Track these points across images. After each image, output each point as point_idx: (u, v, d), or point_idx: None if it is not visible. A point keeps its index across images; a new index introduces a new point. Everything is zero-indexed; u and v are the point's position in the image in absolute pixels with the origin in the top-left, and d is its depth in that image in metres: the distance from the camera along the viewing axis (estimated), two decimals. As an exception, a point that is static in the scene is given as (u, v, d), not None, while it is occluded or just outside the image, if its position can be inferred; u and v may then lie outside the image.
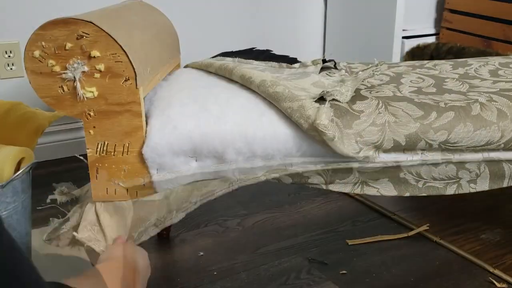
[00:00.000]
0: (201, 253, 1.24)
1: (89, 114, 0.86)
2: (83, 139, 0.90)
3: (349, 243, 1.28)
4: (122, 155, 0.89)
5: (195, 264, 1.20)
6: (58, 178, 1.04)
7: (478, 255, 1.22)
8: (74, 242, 0.93)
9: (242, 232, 1.34)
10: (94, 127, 0.87)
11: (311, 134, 0.89)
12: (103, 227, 0.90)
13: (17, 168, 0.97)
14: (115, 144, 0.88)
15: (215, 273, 1.17)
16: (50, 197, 0.98)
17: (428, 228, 1.33)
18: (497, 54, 1.63)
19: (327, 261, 1.21)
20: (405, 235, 1.31)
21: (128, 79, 0.85)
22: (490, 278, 1.14)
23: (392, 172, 0.95)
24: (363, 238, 1.30)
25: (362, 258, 1.22)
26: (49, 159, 1.75)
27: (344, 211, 1.45)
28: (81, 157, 1.00)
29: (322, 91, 0.92)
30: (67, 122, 1.79)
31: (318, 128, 0.86)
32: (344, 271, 1.17)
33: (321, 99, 0.93)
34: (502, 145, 0.95)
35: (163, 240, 1.29)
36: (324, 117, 0.87)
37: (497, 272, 1.16)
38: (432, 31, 2.14)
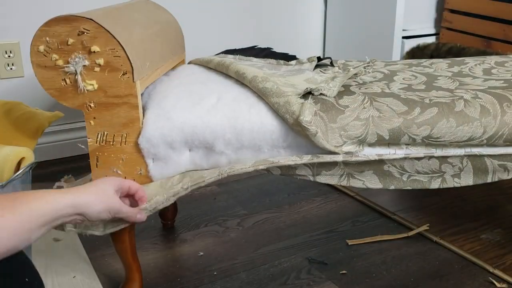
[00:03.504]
0: (201, 253, 1.24)
1: (90, 106, 0.92)
2: (83, 139, 0.92)
3: (349, 243, 1.28)
4: (120, 145, 0.94)
5: (195, 264, 1.20)
6: (58, 178, 1.04)
7: (478, 255, 1.22)
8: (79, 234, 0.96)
9: (242, 232, 1.34)
10: (94, 118, 0.92)
11: (296, 129, 0.93)
12: None
13: (17, 168, 0.97)
14: (114, 134, 0.94)
15: (215, 273, 1.17)
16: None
17: (428, 228, 1.33)
18: (497, 54, 1.63)
19: (327, 261, 1.21)
20: (405, 235, 1.31)
21: (126, 73, 0.90)
22: (490, 278, 1.14)
23: (376, 164, 0.97)
24: (363, 238, 1.30)
25: (362, 258, 1.22)
26: (49, 159, 1.75)
27: (344, 211, 1.45)
28: (83, 146, 1.03)
29: (306, 88, 0.96)
30: (67, 122, 1.79)
31: (301, 124, 0.90)
32: (344, 271, 1.17)
33: (308, 94, 0.96)
34: (485, 141, 0.97)
35: (163, 240, 1.30)
36: (307, 113, 0.90)
37: (497, 272, 1.16)
38: (432, 31, 2.13)
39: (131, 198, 0.93)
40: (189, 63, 1.26)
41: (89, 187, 0.82)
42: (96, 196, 0.81)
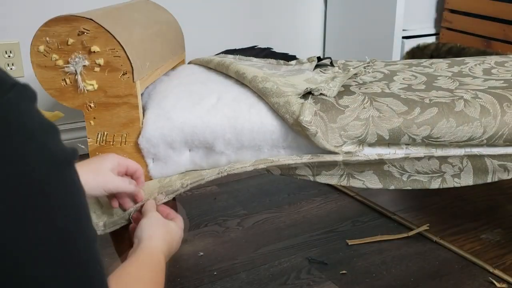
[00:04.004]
0: (201, 253, 1.24)
1: (90, 106, 0.92)
2: (83, 139, 0.92)
3: (349, 243, 1.28)
4: (120, 145, 0.94)
5: (195, 264, 1.20)
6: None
7: (478, 255, 1.22)
8: None
9: (242, 232, 1.34)
10: (94, 118, 0.92)
11: (296, 129, 0.93)
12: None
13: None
14: (114, 134, 0.94)
15: (215, 273, 1.17)
16: None
17: (428, 228, 1.33)
18: (497, 54, 1.63)
19: (327, 261, 1.21)
20: (405, 235, 1.31)
21: (126, 73, 0.90)
22: (490, 278, 1.14)
23: (376, 164, 0.97)
24: (363, 238, 1.30)
25: (362, 258, 1.22)
26: (49, 159, 1.75)
27: (344, 211, 1.45)
28: (83, 146, 1.03)
29: (306, 88, 0.96)
30: (67, 122, 1.79)
31: (301, 124, 0.89)
32: (344, 271, 1.17)
33: (308, 94, 0.96)
34: (485, 141, 0.97)
35: (163, 240, 1.29)
36: (307, 113, 0.90)
37: (497, 272, 1.16)
38: (432, 31, 2.13)
39: (130, 178, 0.92)
40: (189, 63, 1.26)
41: (84, 166, 0.82)
42: (89, 174, 0.81)
